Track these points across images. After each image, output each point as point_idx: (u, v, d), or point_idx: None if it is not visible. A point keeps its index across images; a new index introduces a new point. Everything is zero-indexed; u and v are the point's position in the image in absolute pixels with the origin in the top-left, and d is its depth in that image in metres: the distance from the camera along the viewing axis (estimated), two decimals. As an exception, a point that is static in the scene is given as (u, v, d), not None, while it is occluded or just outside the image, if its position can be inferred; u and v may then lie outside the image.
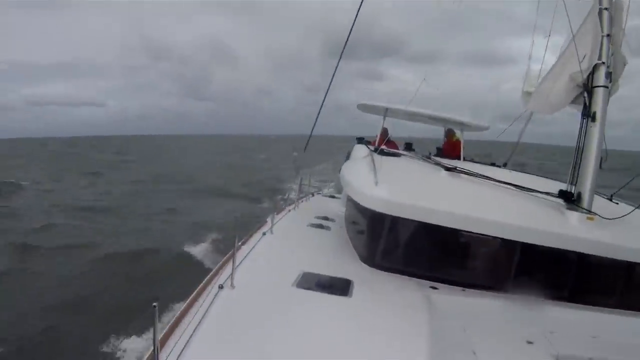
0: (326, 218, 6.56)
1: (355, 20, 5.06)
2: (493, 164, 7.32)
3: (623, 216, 4.22)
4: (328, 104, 6.15)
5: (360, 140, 8.12)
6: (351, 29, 5.07)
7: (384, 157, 5.93)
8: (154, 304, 2.09)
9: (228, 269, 3.71)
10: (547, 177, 6.70)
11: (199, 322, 2.79)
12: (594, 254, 4.03)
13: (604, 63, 4.22)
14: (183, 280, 7.93)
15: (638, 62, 4.68)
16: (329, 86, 5.77)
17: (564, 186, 4.65)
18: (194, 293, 3.75)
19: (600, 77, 4.24)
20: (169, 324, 3.10)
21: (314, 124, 6.47)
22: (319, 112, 6.33)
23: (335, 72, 5.84)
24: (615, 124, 4.44)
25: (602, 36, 4.24)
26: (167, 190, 25.91)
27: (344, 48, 5.33)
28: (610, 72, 4.24)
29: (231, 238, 3.89)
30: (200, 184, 28.17)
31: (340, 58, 5.66)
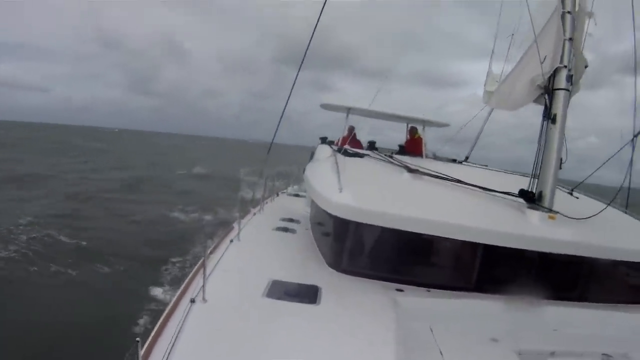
0: (291, 220, 6.48)
1: (314, 32, 5.03)
2: (454, 160, 7.41)
3: (588, 217, 4.36)
4: (273, 112, 6.33)
5: (324, 140, 8.02)
6: (310, 40, 5.01)
7: (348, 158, 5.89)
8: (137, 339, 2.19)
9: (199, 280, 3.69)
10: (507, 172, 6.85)
11: (175, 340, 2.78)
12: (555, 252, 4.14)
13: (565, 67, 4.28)
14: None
15: (581, 95, 4.78)
16: (289, 97, 5.81)
17: (524, 180, 4.73)
18: (169, 307, 3.69)
19: (562, 80, 4.31)
20: (147, 342, 3.07)
21: (275, 133, 6.68)
22: (280, 121, 6.47)
23: (294, 83, 5.93)
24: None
25: (564, 40, 4.29)
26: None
27: (303, 59, 5.36)
28: (572, 75, 4.31)
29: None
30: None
31: (300, 69, 5.70)
